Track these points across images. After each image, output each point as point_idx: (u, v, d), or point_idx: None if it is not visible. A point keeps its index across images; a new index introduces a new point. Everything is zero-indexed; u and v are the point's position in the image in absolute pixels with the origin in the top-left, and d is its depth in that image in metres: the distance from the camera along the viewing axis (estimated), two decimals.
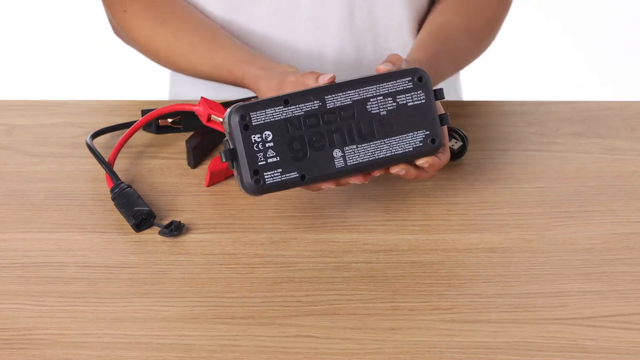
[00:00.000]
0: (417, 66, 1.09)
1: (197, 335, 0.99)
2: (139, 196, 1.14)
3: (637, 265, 1.06)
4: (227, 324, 1.00)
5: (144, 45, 1.32)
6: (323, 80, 1.09)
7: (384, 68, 1.08)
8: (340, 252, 1.08)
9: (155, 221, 1.12)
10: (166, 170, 1.21)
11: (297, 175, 1.05)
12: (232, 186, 1.18)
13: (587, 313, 1.01)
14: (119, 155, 1.21)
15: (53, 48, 2.97)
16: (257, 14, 1.34)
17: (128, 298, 1.03)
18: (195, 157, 1.21)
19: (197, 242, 1.10)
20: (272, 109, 1.05)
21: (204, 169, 1.21)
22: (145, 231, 1.11)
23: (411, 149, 1.08)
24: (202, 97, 1.19)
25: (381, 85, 1.07)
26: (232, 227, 1.11)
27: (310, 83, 1.11)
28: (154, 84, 1.29)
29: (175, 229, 1.10)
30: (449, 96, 1.48)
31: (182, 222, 1.11)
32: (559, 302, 1.02)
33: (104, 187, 1.17)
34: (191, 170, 1.21)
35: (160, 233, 1.10)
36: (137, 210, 1.11)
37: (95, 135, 1.23)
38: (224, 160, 1.05)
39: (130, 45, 1.35)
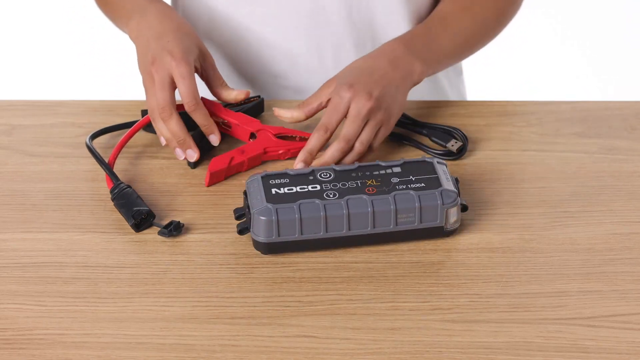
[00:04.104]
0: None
1: (197, 335, 0.99)
2: (138, 196, 1.14)
3: (637, 265, 1.06)
4: (227, 324, 1.00)
5: None
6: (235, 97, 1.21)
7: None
8: (340, 252, 1.08)
9: (154, 221, 1.12)
10: (166, 170, 1.21)
11: None
12: (232, 186, 1.18)
13: (587, 313, 1.01)
14: (118, 155, 1.21)
15: (53, 48, 2.97)
16: (257, 11, 1.34)
17: (128, 298, 1.03)
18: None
19: (197, 242, 1.10)
20: None
21: (204, 169, 1.21)
22: (145, 231, 1.11)
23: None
24: (202, 97, 1.19)
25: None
26: (232, 227, 1.11)
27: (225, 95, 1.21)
28: None
29: (174, 229, 1.10)
30: (452, 96, 1.48)
31: (181, 222, 1.11)
32: (559, 302, 1.02)
33: (104, 187, 1.17)
34: (191, 170, 1.21)
35: (159, 233, 1.10)
36: (136, 210, 1.11)
37: (95, 136, 1.23)
38: None
39: None
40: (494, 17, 1.33)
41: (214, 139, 1.19)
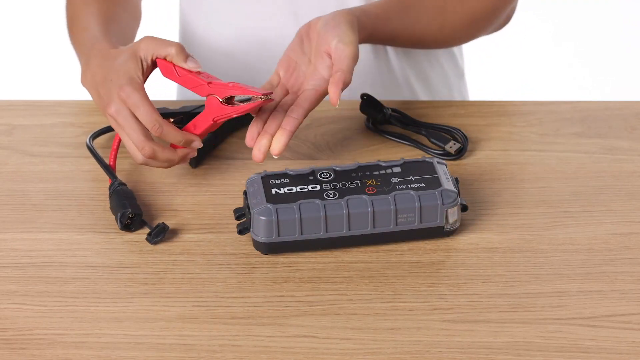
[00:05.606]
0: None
1: (197, 335, 0.99)
2: (127, 195, 1.12)
3: (637, 265, 1.06)
4: (227, 324, 1.00)
5: (67, 5, 1.31)
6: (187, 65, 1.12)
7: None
8: (340, 252, 1.08)
9: (144, 218, 1.10)
10: (166, 170, 1.21)
11: None
12: (232, 186, 1.18)
13: (587, 313, 1.01)
14: (118, 155, 1.20)
15: (54, 48, 2.97)
16: (258, 9, 1.34)
17: (128, 298, 1.03)
18: (196, 157, 1.20)
19: (197, 242, 1.10)
20: None
21: (205, 168, 1.21)
22: (145, 231, 1.11)
23: None
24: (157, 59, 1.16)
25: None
26: (232, 227, 1.11)
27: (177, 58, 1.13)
28: (161, 84, 1.29)
29: (155, 236, 1.09)
30: (453, 97, 1.48)
31: (166, 224, 1.10)
32: (559, 302, 1.02)
33: (104, 187, 1.17)
34: (191, 170, 1.21)
35: (146, 239, 1.09)
36: (122, 212, 1.10)
37: (95, 135, 1.23)
38: None
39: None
40: (462, 32, 1.31)
41: (197, 144, 1.13)
